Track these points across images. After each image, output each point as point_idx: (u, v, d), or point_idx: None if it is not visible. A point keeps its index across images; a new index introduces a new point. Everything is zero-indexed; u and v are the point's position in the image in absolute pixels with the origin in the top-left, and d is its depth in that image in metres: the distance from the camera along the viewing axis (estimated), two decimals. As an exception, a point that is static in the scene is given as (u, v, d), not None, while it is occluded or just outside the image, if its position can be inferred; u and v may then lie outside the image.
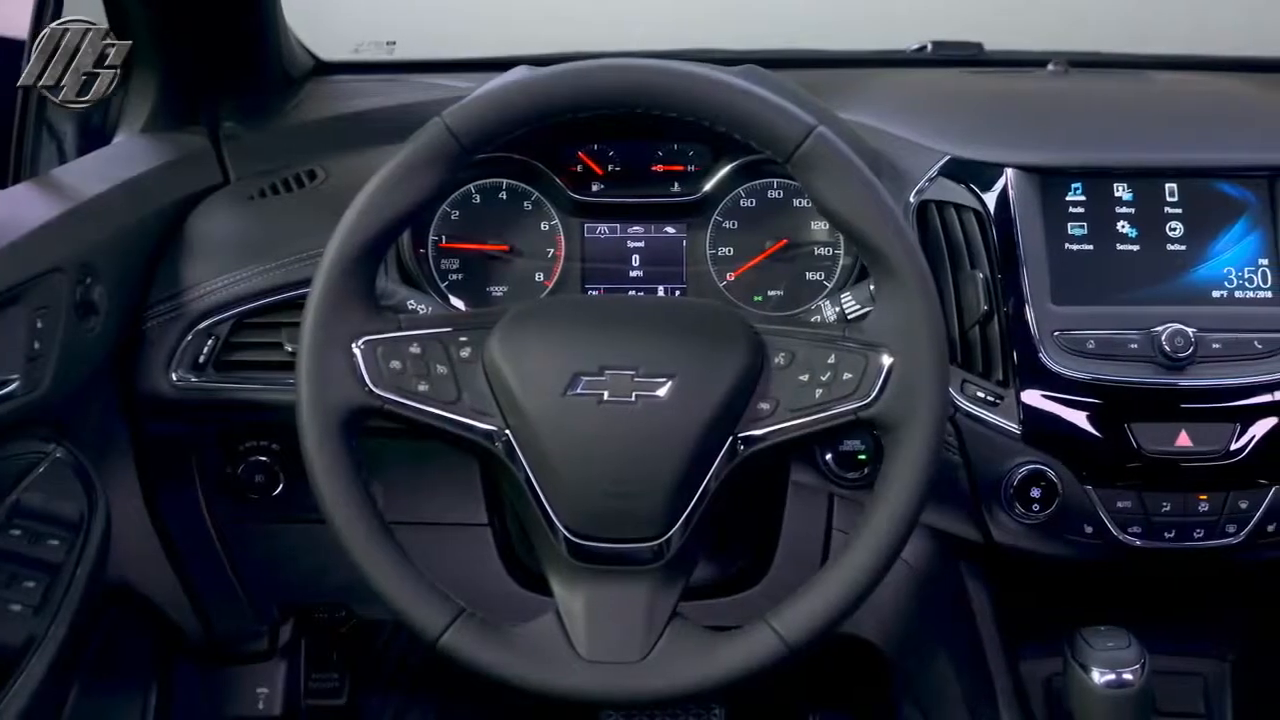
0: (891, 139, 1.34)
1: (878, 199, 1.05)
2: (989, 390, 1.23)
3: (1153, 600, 1.37)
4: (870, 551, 1.04)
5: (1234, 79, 1.52)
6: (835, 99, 1.41)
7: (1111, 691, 1.14)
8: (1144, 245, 1.27)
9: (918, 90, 1.46)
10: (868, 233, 1.05)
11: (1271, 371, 1.22)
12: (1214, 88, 1.47)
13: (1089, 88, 1.45)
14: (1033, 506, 1.22)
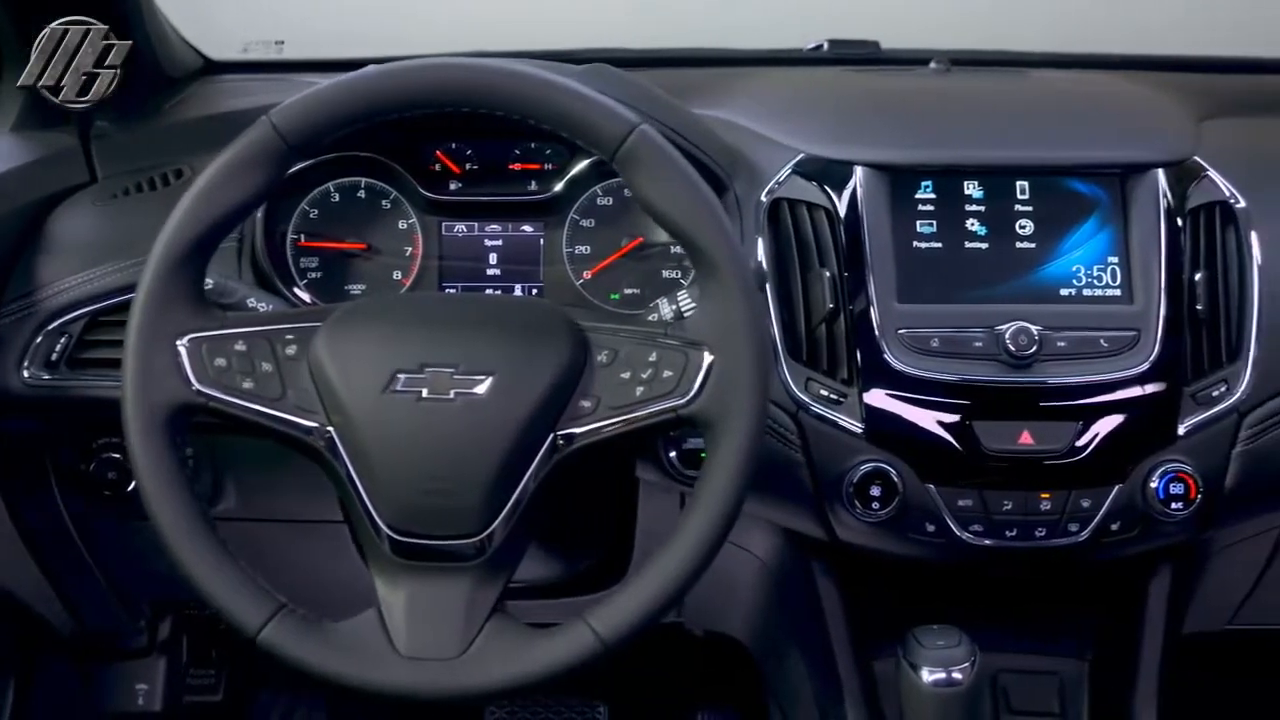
0: (753, 137, 1.34)
1: (699, 197, 1.05)
2: (833, 389, 1.23)
3: (1011, 599, 1.37)
4: (686, 550, 1.04)
5: (1114, 76, 1.51)
6: (711, 97, 1.42)
7: (940, 690, 1.14)
8: (993, 243, 1.27)
9: (792, 89, 1.46)
10: (689, 231, 1.05)
11: (1116, 370, 1.22)
12: (1087, 86, 1.46)
13: (957, 86, 1.44)
14: (872, 505, 1.21)
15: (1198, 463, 1.22)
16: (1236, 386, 1.24)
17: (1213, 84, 1.57)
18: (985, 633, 1.34)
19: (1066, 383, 1.21)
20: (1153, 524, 1.23)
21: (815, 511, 1.25)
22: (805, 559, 1.33)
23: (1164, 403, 1.22)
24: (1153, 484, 1.22)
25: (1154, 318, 1.23)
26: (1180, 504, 1.22)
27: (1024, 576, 1.33)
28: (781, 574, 1.32)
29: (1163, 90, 1.45)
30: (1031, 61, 1.60)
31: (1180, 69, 1.62)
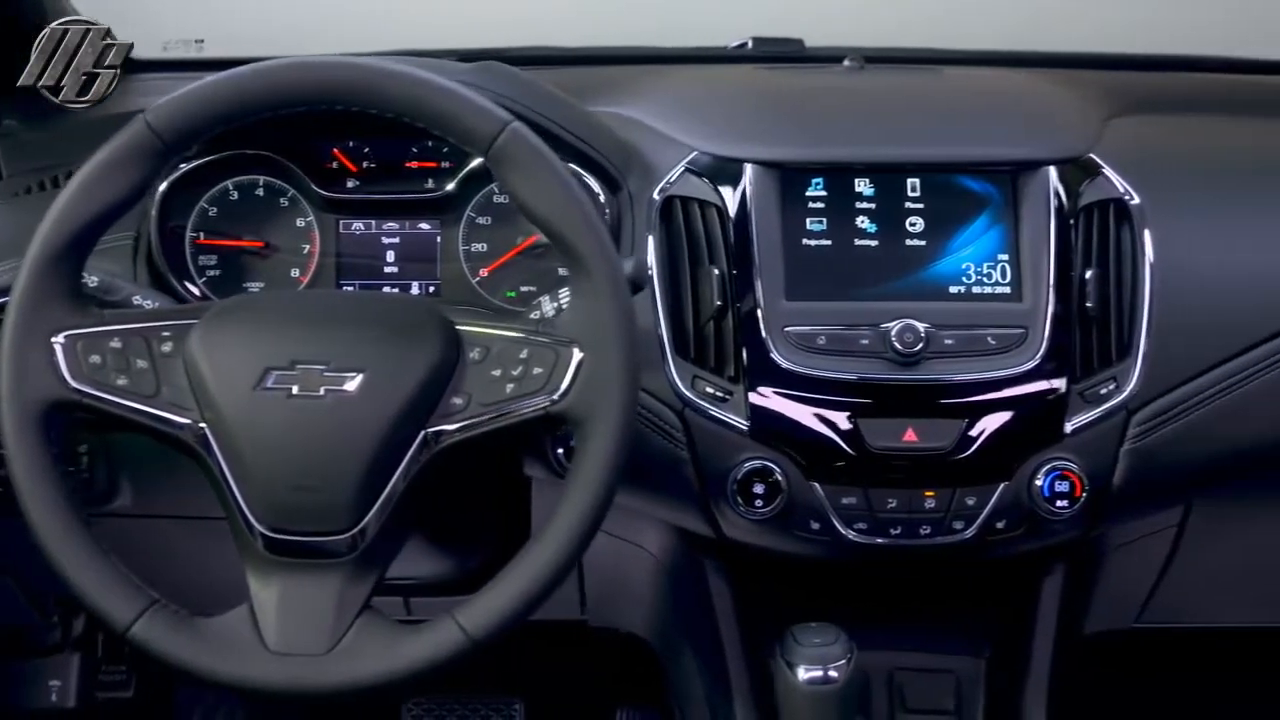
0: (652, 134, 1.34)
1: (570, 195, 1.05)
2: (719, 386, 1.23)
3: (910, 597, 1.37)
4: (554, 546, 1.05)
5: (1027, 74, 1.51)
6: (623, 94, 1.42)
7: (815, 688, 1.14)
8: (882, 241, 1.26)
9: (697, 87, 1.45)
10: (560, 228, 1.06)
11: (1002, 368, 1.21)
12: (993, 84, 1.46)
13: (861, 84, 1.44)
14: (756, 503, 1.21)
15: (1084, 461, 1.22)
16: (1126, 384, 1.23)
17: (1127, 81, 1.57)
18: (883, 631, 1.36)
19: (952, 380, 1.21)
20: (1039, 522, 1.22)
21: (702, 509, 1.25)
22: (697, 556, 1.33)
23: (1051, 400, 1.22)
24: (1038, 482, 1.21)
25: (1042, 315, 1.22)
26: (1066, 502, 1.21)
27: (912, 575, 1.33)
28: (675, 571, 1.32)
29: (1073, 88, 1.44)
30: (948, 59, 1.60)
31: (1096, 67, 1.62)
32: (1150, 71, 1.63)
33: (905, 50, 1.64)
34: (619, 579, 1.40)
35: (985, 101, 1.37)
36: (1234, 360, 1.25)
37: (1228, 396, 1.24)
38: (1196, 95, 1.56)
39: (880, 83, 1.45)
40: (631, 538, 1.38)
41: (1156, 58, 1.65)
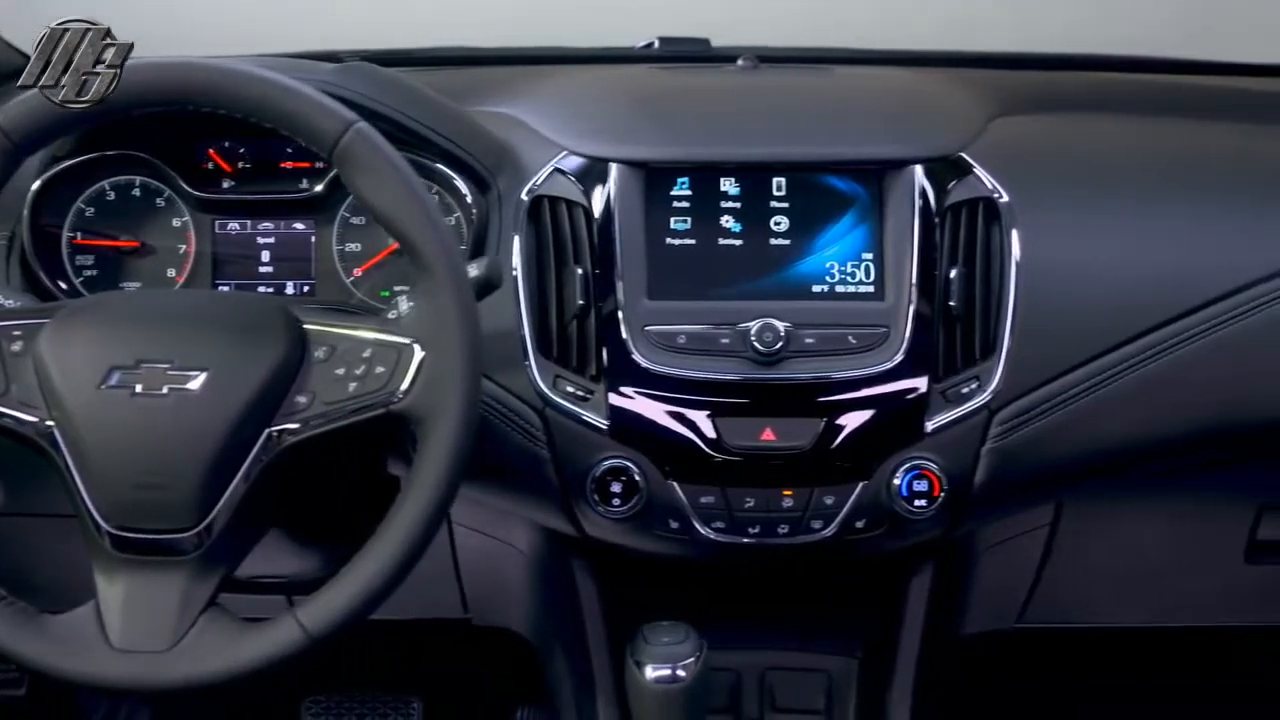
0: (528, 134, 1.34)
1: (414, 195, 1.06)
2: (580, 385, 1.23)
3: (785, 596, 1.37)
4: (392, 545, 1.06)
5: (914, 73, 1.51)
6: (513, 93, 1.42)
7: (662, 687, 1.14)
8: (747, 240, 1.26)
9: (583, 87, 1.45)
10: (403, 228, 1.07)
11: (862, 367, 1.21)
12: (877, 82, 1.46)
13: (744, 84, 1.43)
14: (613, 501, 1.22)
15: (945, 460, 1.22)
16: (988, 384, 1.23)
17: (1024, 81, 1.56)
18: (757, 631, 1.36)
19: (811, 379, 1.21)
20: (899, 521, 1.22)
21: (563, 508, 1.25)
22: (565, 555, 1.34)
23: (911, 400, 1.21)
24: (896, 481, 1.21)
25: (903, 314, 1.22)
26: (924, 501, 1.21)
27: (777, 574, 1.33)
28: (545, 570, 1.33)
29: (962, 87, 1.44)
30: (845, 59, 1.59)
31: (997, 66, 1.62)
32: (1051, 71, 1.63)
33: (803, 50, 1.63)
34: (496, 578, 1.40)
35: (856, 101, 1.37)
36: (1097, 360, 1.24)
37: (1090, 396, 1.24)
38: (1093, 94, 1.55)
39: (761, 82, 1.44)
40: (502, 536, 1.39)
41: (1058, 57, 1.65)
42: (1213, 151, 1.40)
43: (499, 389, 1.23)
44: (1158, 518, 1.43)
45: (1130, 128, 1.45)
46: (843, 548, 1.23)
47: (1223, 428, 1.27)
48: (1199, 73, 1.68)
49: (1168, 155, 1.38)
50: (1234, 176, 1.36)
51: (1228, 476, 1.39)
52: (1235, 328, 1.26)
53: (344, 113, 1.07)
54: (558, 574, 1.34)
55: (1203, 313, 1.26)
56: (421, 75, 1.60)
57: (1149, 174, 1.35)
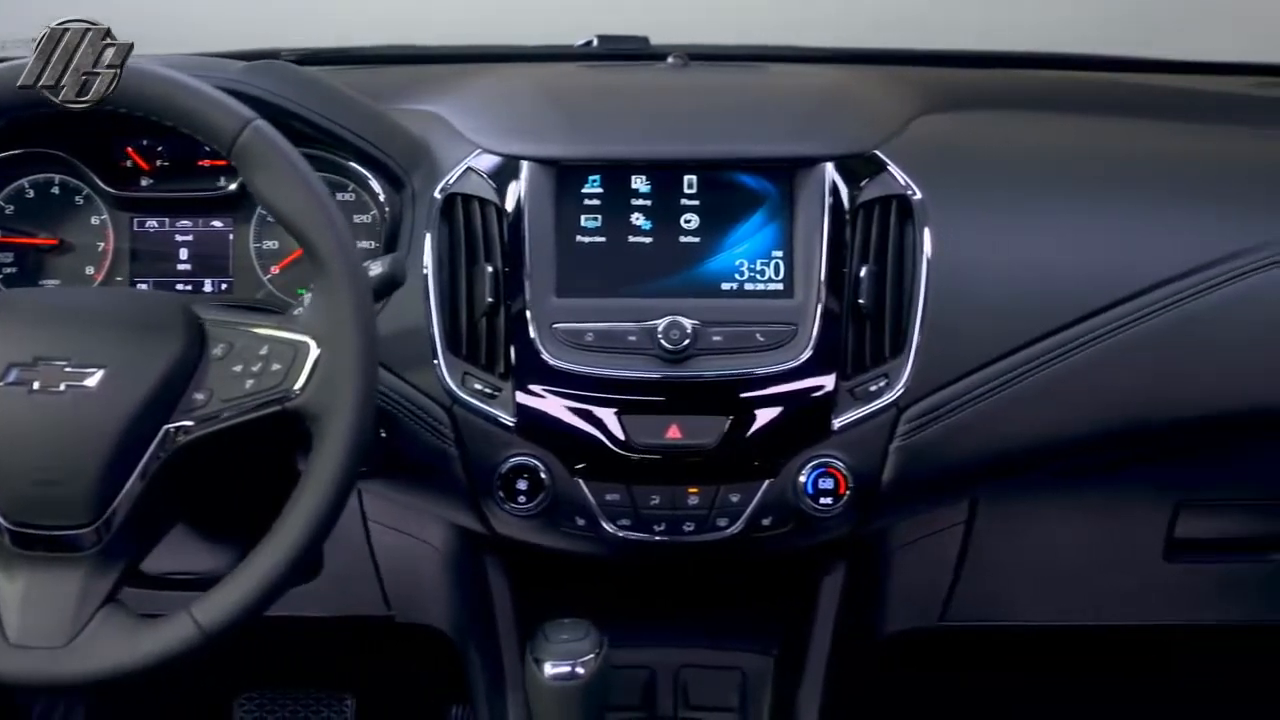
0: (447, 132, 1.34)
1: (311, 193, 1.07)
2: (488, 383, 1.23)
3: (699, 594, 1.37)
4: (285, 542, 1.06)
5: (841, 70, 1.51)
6: (443, 91, 1.42)
7: (559, 684, 1.14)
8: (657, 238, 1.26)
9: (506, 84, 1.45)
10: (301, 226, 1.07)
11: (769, 364, 1.21)
12: (794, 80, 1.45)
13: (663, 81, 1.43)
14: (519, 499, 1.22)
15: (852, 458, 1.22)
16: (897, 381, 1.23)
17: (955, 78, 1.56)
18: (674, 628, 1.36)
19: (717, 377, 1.21)
20: (806, 519, 1.22)
21: (472, 506, 1.25)
22: (478, 552, 1.34)
23: (818, 398, 1.21)
24: (802, 479, 1.21)
25: (812, 312, 1.22)
26: (830, 499, 1.21)
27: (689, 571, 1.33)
28: (460, 567, 1.33)
29: (888, 85, 1.44)
30: (778, 56, 1.59)
31: (932, 63, 1.62)
32: (989, 69, 1.63)
33: (739, 48, 1.64)
34: (415, 575, 1.40)
35: (771, 99, 1.37)
36: (1006, 359, 1.24)
37: (999, 395, 1.24)
38: (1028, 92, 1.55)
39: (682, 80, 1.44)
40: (417, 533, 1.39)
41: (996, 54, 1.64)
42: (1137, 150, 1.40)
43: (408, 386, 1.23)
44: (1075, 515, 1.43)
45: (1057, 126, 1.44)
46: (750, 545, 1.23)
47: (1132, 426, 1.27)
48: (1142, 70, 1.68)
49: (1090, 153, 1.38)
50: (1155, 175, 1.35)
51: (1144, 474, 1.38)
52: (1145, 326, 1.25)
53: (242, 110, 1.07)
54: (472, 571, 1.35)
55: (1113, 311, 1.25)
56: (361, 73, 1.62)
57: (1069, 172, 1.34)
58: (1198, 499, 1.41)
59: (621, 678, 1.30)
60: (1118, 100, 1.54)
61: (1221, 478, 1.41)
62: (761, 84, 1.43)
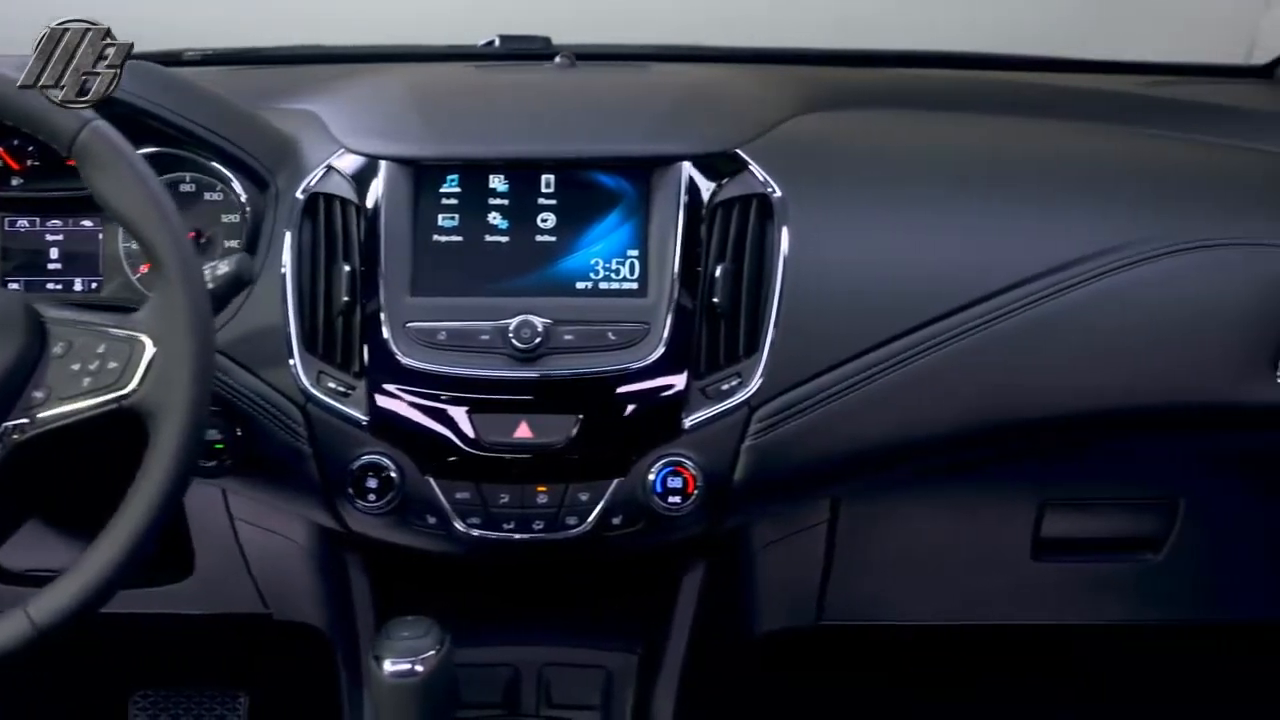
0: (316, 132, 1.34)
1: (149, 193, 1.08)
2: (342, 381, 1.24)
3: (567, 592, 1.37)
4: (119, 539, 1.06)
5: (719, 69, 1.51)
6: (323, 90, 1.42)
7: (397, 681, 1.14)
8: (514, 237, 1.27)
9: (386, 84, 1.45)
10: (137, 225, 1.08)
11: (619, 363, 1.21)
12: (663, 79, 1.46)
13: (541, 80, 1.44)
14: (369, 496, 1.22)
15: (702, 457, 1.22)
16: (749, 381, 1.23)
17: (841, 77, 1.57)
18: (539, 626, 1.36)
19: (567, 376, 1.21)
20: (656, 518, 1.22)
21: (326, 504, 1.26)
22: (339, 549, 1.34)
23: (668, 397, 1.21)
24: (650, 477, 1.21)
25: (664, 311, 1.22)
26: (678, 498, 1.21)
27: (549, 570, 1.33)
28: (323, 564, 1.33)
29: (767, 83, 1.44)
30: (667, 55, 1.60)
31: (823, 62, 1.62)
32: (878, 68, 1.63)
33: (633, 47, 1.64)
34: (285, 573, 1.41)
35: (635, 98, 1.37)
36: (860, 358, 1.24)
37: (853, 394, 1.24)
38: (915, 91, 1.55)
39: (560, 80, 1.45)
40: (283, 531, 1.39)
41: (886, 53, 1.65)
42: (1009, 150, 1.40)
43: (263, 385, 1.24)
44: (941, 515, 1.43)
45: (937, 126, 1.44)
46: (601, 544, 1.23)
47: (988, 426, 1.26)
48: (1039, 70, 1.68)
49: (961, 154, 1.38)
50: (1023, 175, 1.35)
51: (1007, 474, 1.38)
52: (1000, 327, 1.25)
53: (81, 111, 1.08)
54: (335, 568, 1.35)
55: (969, 311, 1.25)
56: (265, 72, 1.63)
57: (937, 173, 1.34)
58: (1061, 498, 1.41)
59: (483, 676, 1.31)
60: (1004, 100, 1.53)
61: (1084, 477, 1.40)
62: (634, 84, 1.43)
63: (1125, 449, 1.34)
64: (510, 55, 1.65)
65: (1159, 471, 1.41)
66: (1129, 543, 1.44)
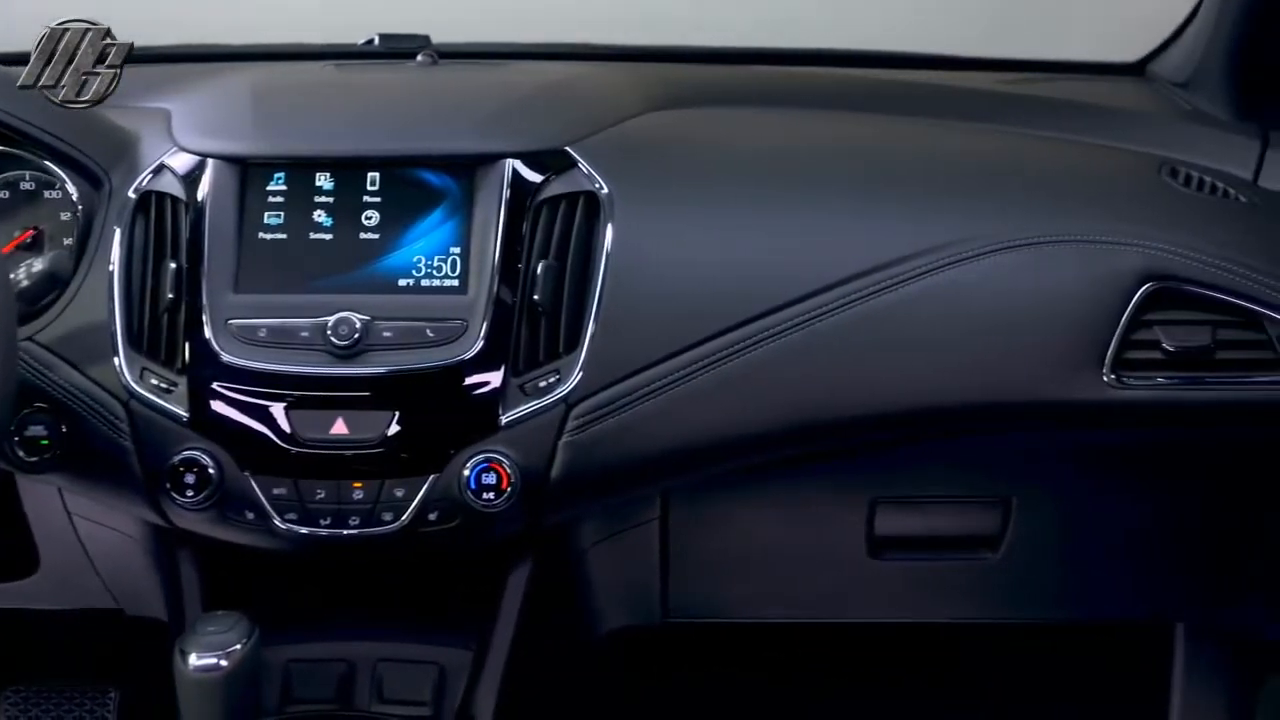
0: (157, 130, 1.35)
1: None
2: (164, 378, 1.24)
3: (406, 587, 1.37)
4: None
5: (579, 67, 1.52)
6: (186, 88, 1.43)
7: (201, 675, 1.15)
8: (338, 234, 1.27)
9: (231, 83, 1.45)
10: None
11: (436, 360, 1.22)
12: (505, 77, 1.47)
13: (390, 78, 1.45)
14: (187, 492, 1.23)
15: (518, 453, 1.22)
16: (568, 378, 1.23)
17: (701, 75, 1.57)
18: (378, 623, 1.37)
19: (384, 373, 1.21)
20: (473, 514, 1.22)
21: (150, 500, 1.26)
22: (170, 544, 1.35)
23: (485, 393, 1.22)
24: (465, 473, 1.22)
25: (483, 308, 1.23)
26: (493, 494, 1.21)
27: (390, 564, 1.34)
28: (159, 559, 1.34)
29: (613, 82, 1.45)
30: (540, 54, 1.61)
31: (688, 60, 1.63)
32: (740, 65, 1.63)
33: (503, 45, 1.65)
34: (128, 568, 1.42)
35: (472, 95, 1.38)
36: (680, 355, 1.24)
37: (673, 391, 1.24)
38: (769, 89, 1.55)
39: (411, 78, 1.45)
40: (119, 526, 1.40)
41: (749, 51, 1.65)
42: (846, 147, 1.40)
43: (88, 381, 1.24)
44: (775, 512, 1.43)
45: (783, 123, 1.45)
46: (418, 540, 1.23)
47: (813, 423, 1.26)
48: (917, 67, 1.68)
49: (800, 151, 1.38)
50: (856, 172, 1.35)
51: (839, 471, 1.38)
52: (824, 324, 1.25)
53: None
54: (170, 563, 1.36)
55: (792, 308, 1.25)
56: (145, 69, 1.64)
57: (773, 170, 1.35)
58: (892, 497, 1.41)
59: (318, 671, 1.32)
60: (865, 98, 1.53)
61: (915, 476, 1.40)
62: (478, 82, 1.44)
63: (955, 447, 1.34)
64: (387, 54, 1.65)
65: (990, 470, 1.40)
66: (966, 541, 1.44)
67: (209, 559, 1.34)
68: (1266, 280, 1.28)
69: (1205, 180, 1.39)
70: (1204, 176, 1.40)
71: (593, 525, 1.38)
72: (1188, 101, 1.55)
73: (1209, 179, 1.40)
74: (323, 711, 1.30)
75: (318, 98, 1.38)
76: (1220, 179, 1.40)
